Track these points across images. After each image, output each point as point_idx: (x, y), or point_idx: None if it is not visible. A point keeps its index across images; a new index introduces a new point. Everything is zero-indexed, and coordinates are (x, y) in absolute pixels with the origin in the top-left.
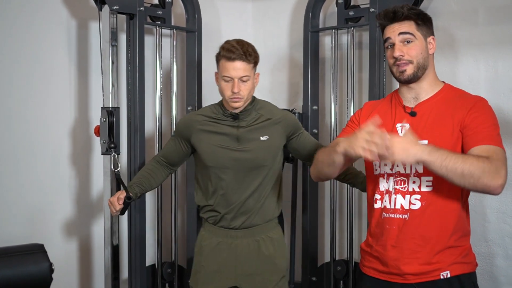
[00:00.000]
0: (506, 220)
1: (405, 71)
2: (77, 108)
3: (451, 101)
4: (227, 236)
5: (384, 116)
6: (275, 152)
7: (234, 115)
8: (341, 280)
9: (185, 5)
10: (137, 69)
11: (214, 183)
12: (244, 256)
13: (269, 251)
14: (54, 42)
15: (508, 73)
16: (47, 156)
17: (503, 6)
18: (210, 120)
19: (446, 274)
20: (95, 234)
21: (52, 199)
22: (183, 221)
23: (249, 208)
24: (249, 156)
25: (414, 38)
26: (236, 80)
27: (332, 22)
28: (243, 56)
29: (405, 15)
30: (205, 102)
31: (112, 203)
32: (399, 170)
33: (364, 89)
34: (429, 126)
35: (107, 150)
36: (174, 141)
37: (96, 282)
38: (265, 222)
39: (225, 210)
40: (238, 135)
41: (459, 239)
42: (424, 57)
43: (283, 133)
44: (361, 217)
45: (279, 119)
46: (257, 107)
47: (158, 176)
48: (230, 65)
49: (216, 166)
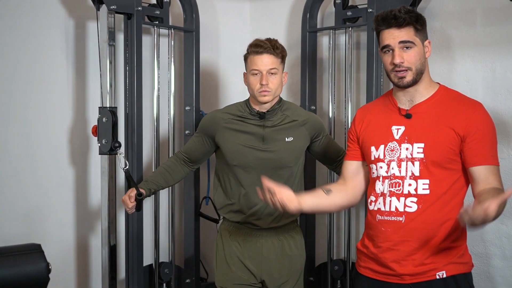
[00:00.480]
0: (503, 220)
1: (404, 78)
2: (75, 108)
3: (447, 104)
4: (252, 235)
5: (378, 119)
6: (299, 153)
7: (260, 114)
8: (338, 280)
9: (183, 5)
10: (134, 69)
11: (236, 182)
12: (268, 255)
13: (292, 251)
14: (52, 42)
15: (505, 74)
16: (44, 156)
17: (501, 7)
18: (235, 118)
19: (442, 274)
20: (92, 234)
21: (49, 199)
22: (180, 221)
23: (273, 209)
24: (273, 157)
25: (414, 44)
26: (264, 72)
27: (330, 22)
28: (271, 49)
29: (406, 21)
30: (203, 102)
31: (124, 202)
32: (394, 172)
33: (362, 89)
34: (425, 129)
35: (111, 149)
36: (197, 138)
37: (93, 282)
38: (287, 223)
39: (251, 211)
40: (264, 134)
41: (455, 240)
42: (422, 62)
43: (307, 135)
44: (359, 217)
45: (305, 121)
46: (283, 107)
47: (176, 173)
48: (258, 58)
49: (240, 165)
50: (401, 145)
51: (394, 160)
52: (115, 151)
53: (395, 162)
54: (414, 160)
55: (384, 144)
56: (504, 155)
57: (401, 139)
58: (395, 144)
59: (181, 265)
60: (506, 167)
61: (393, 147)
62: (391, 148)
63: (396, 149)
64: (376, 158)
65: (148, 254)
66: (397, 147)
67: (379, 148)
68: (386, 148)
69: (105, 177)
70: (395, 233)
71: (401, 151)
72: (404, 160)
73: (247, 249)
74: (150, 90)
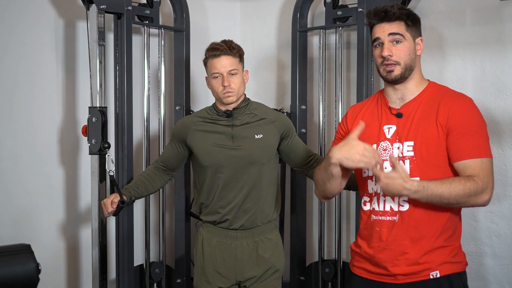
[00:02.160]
0: (494, 219)
1: (392, 72)
2: (64, 108)
3: (435, 100)
4: (227, 236)
5: (370, 118)
6: (270, 151)
7: (228, 113)
8: (329, 280)
9: (173, 5)
10: (125, 69)
11: (210, 182)
12: (243, 257)
13: (267, 253)
14: (41, 42)
15: (495, 73)
16: (34, 156)
17: (491, 6)
18: (205, 120)
19: (436, 274)
20: (82, 234)
21: (39, 199)
22: (171, 221)
23: (248, 208)
24: (244, 154)
25: (404, 38)
26: (225, 74)
27: (320, 22)
28: (228, 50)
29: (396, 15)
30: (193, 102)
31: (105, 205)
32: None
33: (352, 89)
34: (415, 127)
35: (101, 150)
36: (171, 145)
37: (83, 282)
38: (264, 224)
39: (224, 211)
40: (233, 133)
41: (448, 238)
42: (412, 58)
43: (277, 133)
44: (349, 217)
45: (273, 119)
46: (251, 107)
47: (156, 181)
48: (216, 61)
49: (212, 165)
50: (393, 144)
51: (387, 160)
52: (104, 152)
53: (388, 161)
54: (405, 158)
55: (376, 144)
56: (494, 154)
57: (392, 138)
58: (387, 143)
59: (172, 265)
60: (495, 165)
61: (385, 146)
62: (384, 148)
63: (389, 149)
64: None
65: (139, 254)
66: (389, 147)
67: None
68: (378, 148)
69: (95, 177)
70: (388, 233)
71: (393, 150)
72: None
73: (221, 251)
74: (141, 90)
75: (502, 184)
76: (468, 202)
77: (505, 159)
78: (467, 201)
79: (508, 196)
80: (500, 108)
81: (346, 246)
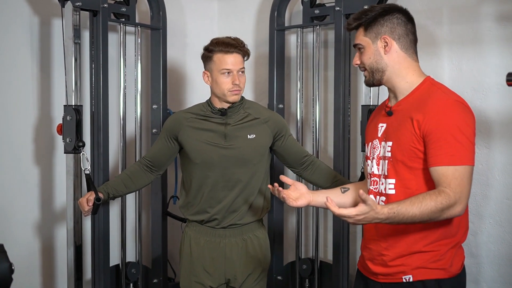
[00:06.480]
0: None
1: (365, 77)
2: (39, 106)
3: (420, 100)
4: (215, 235)
5: (376, 115)
6: (262, 151)
7: (222, 111)
8: (306, 278)
9: (150, 2)
10: (100, 67)
11: (200, 180)
12: (232, 255)
13: (256, 251)
14: (16, 39)
15: (471, 72)
16: (8, 154)
17: (467, 5)
18: (198, 117)
19: (409, 278)
20: (58, 234)
21: (14, 198)
22: (147, 221)
23: (238, 207)
24: (236, 153)
25: (363, 45)
26: (235, 72)
27: (298, 20)
28: (241, 48)
29: (352, 26)
30: (170, 101)
31: (81, 204)
32: (374, 170)
33: (330, 88)
34: (396, 127)
35: (75, 148)
36: (161, 140)
37: (58, 282)
38: (252, 221)
39: (214, 210)
40: (226, 132)
41: (430, 244)
42: (377, 60)
43: (270, 133)
44: (327, 215)
45: (267, 119)
46: (245, 106)
47: (139, 179)
48: (228, 57)
49: (203, 163)
50: (381, 143)
51: (375, 158)
52: (79, 150)
53: (375, 160)
54: (386, 158)
55: (371, 142)
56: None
57: (382, 136)
58: (377, 142)
59: (149, 265)
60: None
61: (375, 144)
62: (374, 146)
63: (377, 147)
64: (367, 156)
65: (115, 254)
66: (378, 145)
67: (368, 145)
68: (370, 146)
69: (70, 176)
70: (369, 232)
71: (380, 149)
72: (382, 159)
73: (210, 250)
74: (117, 88)
75: (478, 184)
76: (442, 216)
77: (481, 158)
78: (440, 216)
79: (482, 194)
80: (476, 107)
81: (323, 244)
